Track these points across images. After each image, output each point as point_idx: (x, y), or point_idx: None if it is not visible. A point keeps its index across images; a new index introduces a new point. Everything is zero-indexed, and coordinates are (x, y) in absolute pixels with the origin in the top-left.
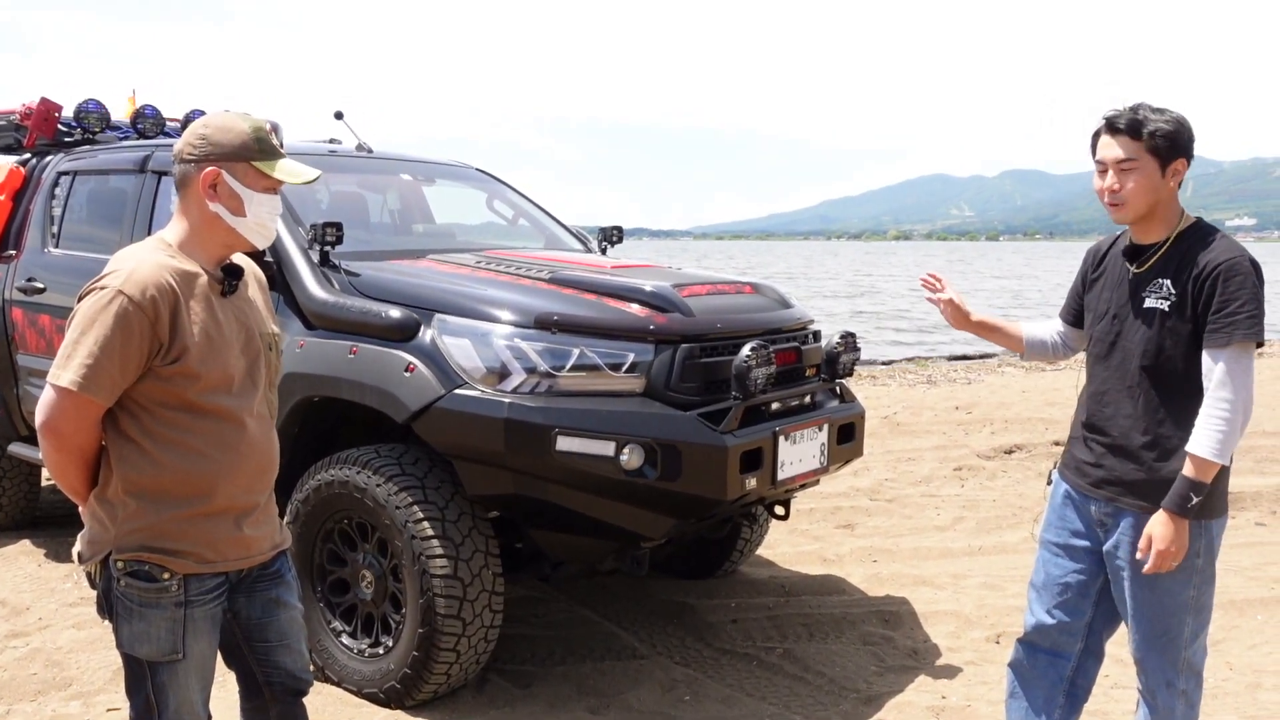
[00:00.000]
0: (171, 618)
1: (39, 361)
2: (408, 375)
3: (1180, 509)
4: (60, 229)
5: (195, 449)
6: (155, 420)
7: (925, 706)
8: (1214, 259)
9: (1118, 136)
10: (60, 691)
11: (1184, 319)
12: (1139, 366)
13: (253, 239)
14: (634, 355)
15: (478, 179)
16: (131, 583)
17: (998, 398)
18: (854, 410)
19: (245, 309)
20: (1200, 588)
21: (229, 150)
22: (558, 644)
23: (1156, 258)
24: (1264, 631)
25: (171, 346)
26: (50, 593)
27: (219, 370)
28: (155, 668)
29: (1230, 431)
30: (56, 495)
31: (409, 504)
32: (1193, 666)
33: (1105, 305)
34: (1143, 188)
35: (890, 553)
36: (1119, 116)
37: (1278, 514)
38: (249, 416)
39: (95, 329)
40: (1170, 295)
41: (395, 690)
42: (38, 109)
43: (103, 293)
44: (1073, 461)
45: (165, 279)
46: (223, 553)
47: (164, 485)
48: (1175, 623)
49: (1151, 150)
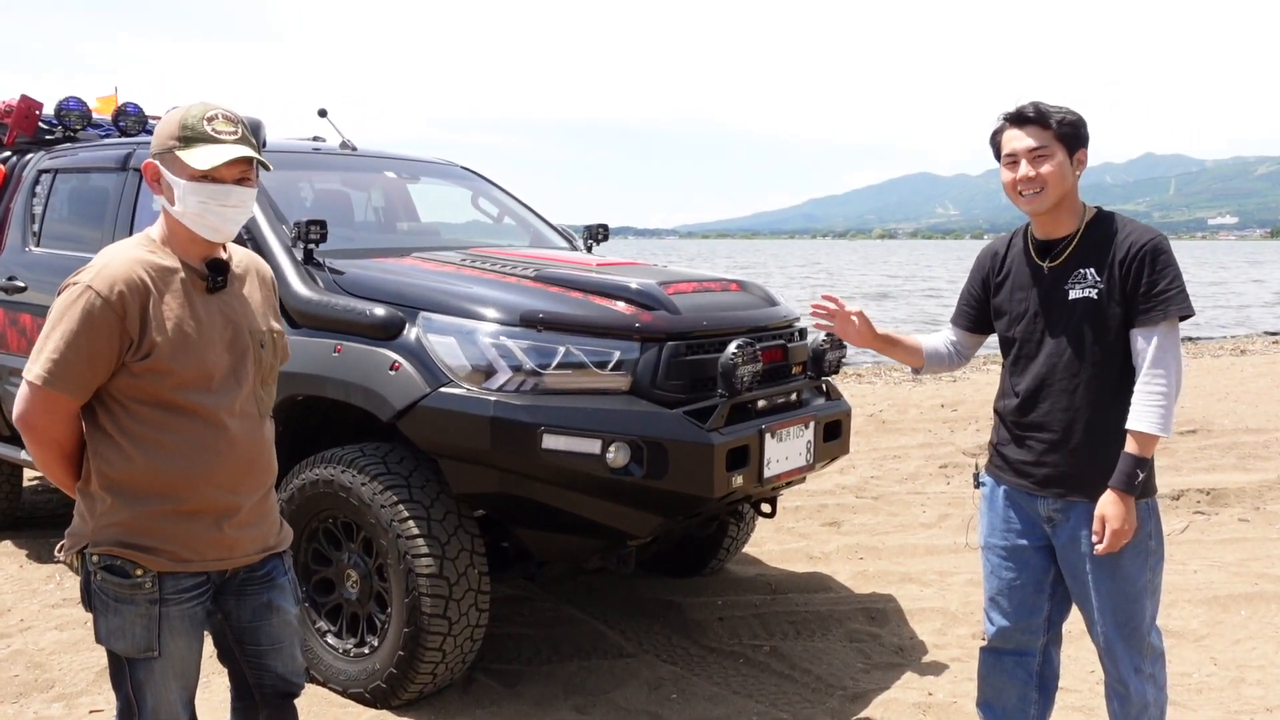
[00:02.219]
0: (146, 614)
1: (20, 361)
2: (392, 374)
3: (1128, 486)
4: (41, 227)
5: (170, 447)
6: (130, 416)
7: (911, 703)
8: (1136, 241)
9: (1026, 127)
10: (42, 693)
11: (1114, 304)
12: (1072, 358)
13: (198, 230)
14: (620, 353)
15: (463, 176)
16: (107, 577)
17: (983, 395)
18: (840, 408)
19: (235, 305)
20: (1154, 568)
21: (161, 143)
22: (544, 643)
23: (1071, 249)
24: (1248, 627)
25: (141, 342)
26: (32, 594)
27: (194, 367)
28: (133, 664)
29: (1169, 405)
30: (39, 496)
31: (394, 503)
32: (1155, 649)
33: (1022, 305)
34: (1058, 174)
35: (876, 550)
36: (1025, 109)
37: (1261, 510)
38: (230, 415)
39: (63, 324)
40: (1097, 283)
41: (381, 690)
42: (18, 106)
43: (74, 288)
44: (1009, 464)
45: (137, 274)
46: (200, 552)
47: (139, 482)
48: (1138, 608)
49: (1060, 138)
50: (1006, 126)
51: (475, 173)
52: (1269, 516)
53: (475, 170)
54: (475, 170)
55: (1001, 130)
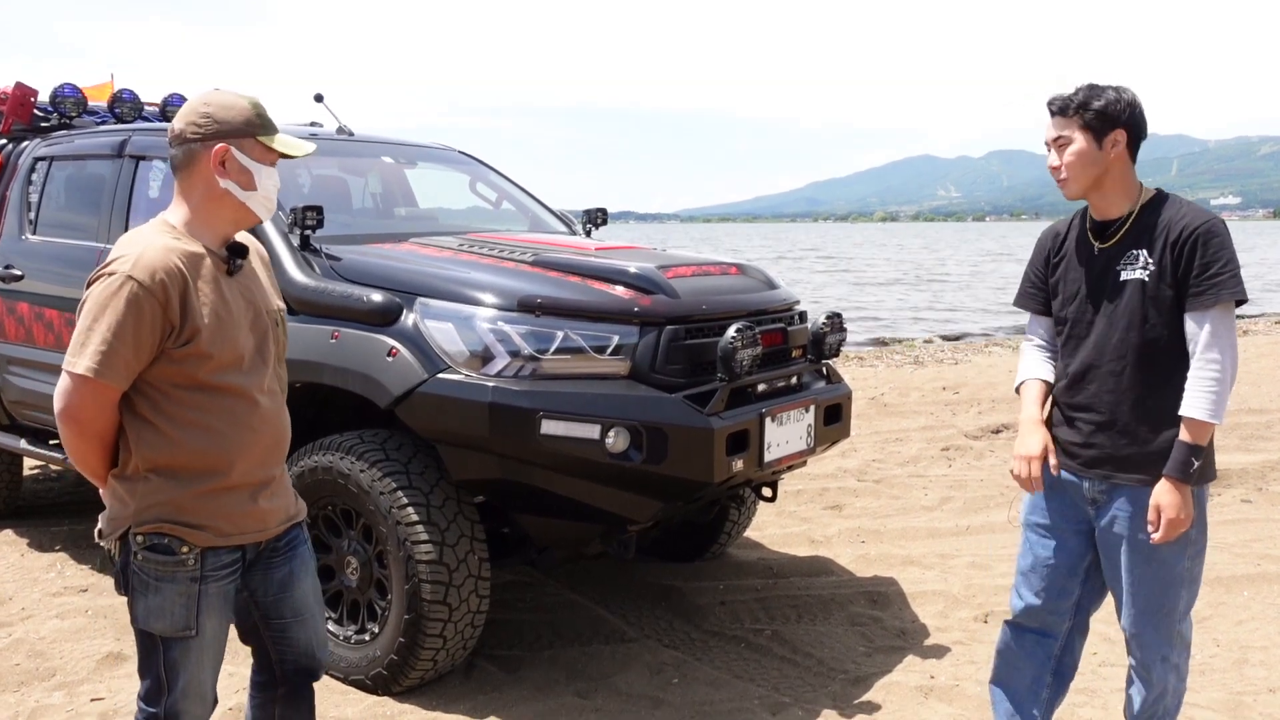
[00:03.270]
0: (186, 593)
1: (18, 350)
2: (390, 360)
3: (1184, 475)
4: (38, 215)
5: (210, 427)
6: (170, 401)
7: (914, 686)
8: (1189, 224)
9: (1054, 118)
10: (43, 682)
11: (1165, 286)
12: (1121, 340)
13: (260, 212)
14: (619, 338)
15: (460, 161)
16: (149, 556)
17: (985, 378)
18: (840, 391)
19: (251, 286)
20: (1194, 559)
21: (235, 126)
22: (545, 628)
23: (1125, 231)
24: (1250, 608)
25: (183, 329)
26: (33, 583)
27: (229, 349)
28: (168, 644)
29: (1222, 391)
30: (40, 485)
31: (393, 490)
32: (1184, 639)
33: (1075, 285)
34: (1079, 162)
35: (878, 533)
36: (1055, 99)
37: (1264, 490)
38: (260, 393)
39: (108, 315)
40: (1149, 265)
41: (382, 677)
42: (13, 94)
43: (112, 278)
44: (1058, 443)
45: (173, 261)
46: (240, 525)
47: (182, 463)
48: (1171, 595)
49: (1082, 125)
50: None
51: (473, 157)
52: (1272, 497)
53: (473, 155)
54: (473, 155)
55: None
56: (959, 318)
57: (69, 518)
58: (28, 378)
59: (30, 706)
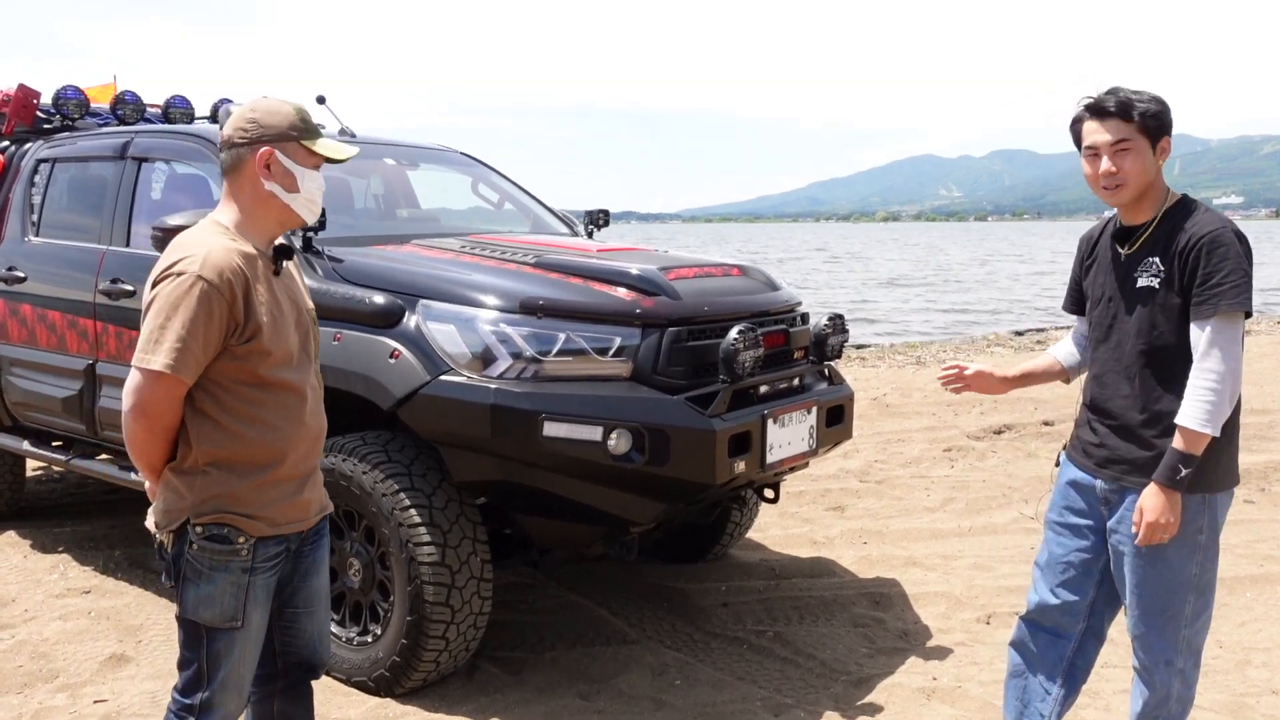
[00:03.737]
0: (236, 583)
1: (20, 352)
2: (392, 362)
3: (1169, 481)
4: (40, 217)
5: (266, 421)
6: (231, 396)
7: (916, 688)
8: (1197, 232)
9: (1107, 120)
10: (47, 683)
11: (1173, 294)
12: (1134, 347)
13: (304, 214)
14: (621, 339)
15: (462, 163)
16: (206, 545)
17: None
18: (843, 392)
19: (292, 287)
20: (1203, 565)
21: (279, 130)
22: (547, 630)
23: (1145, 237)
24: (1253, 609)
25: (246, 326)
26: (36, 584)
27: (284, 346)
28: (213, 635)
29: (1218, 402)
30: (43, 486)
31: (395, 491)
32: (1192, 646)
33: (1100, 290)
34: (1140, 167)
35: (880, 534)
36: (1106, 100)
37: (1267, 491)
38: (308, 388)
39: (180, 313)
40: (1160, 272)
41: (384, 678)
42: (16, 96)
43: (182, 278)
44: (1079, 444)
45: (235, 261)
46: (288, 515)
47: (241, 456)
48: (1177, 600)
49: (1143, 130)
50: (1087, 117)
51: (475, 159)
52: (1274, 498)
53: (475, 156)
54: (475, 156)
55: (1081, 121)
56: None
57: (72, 519)
58: (30, 379)
59: (33, 708)
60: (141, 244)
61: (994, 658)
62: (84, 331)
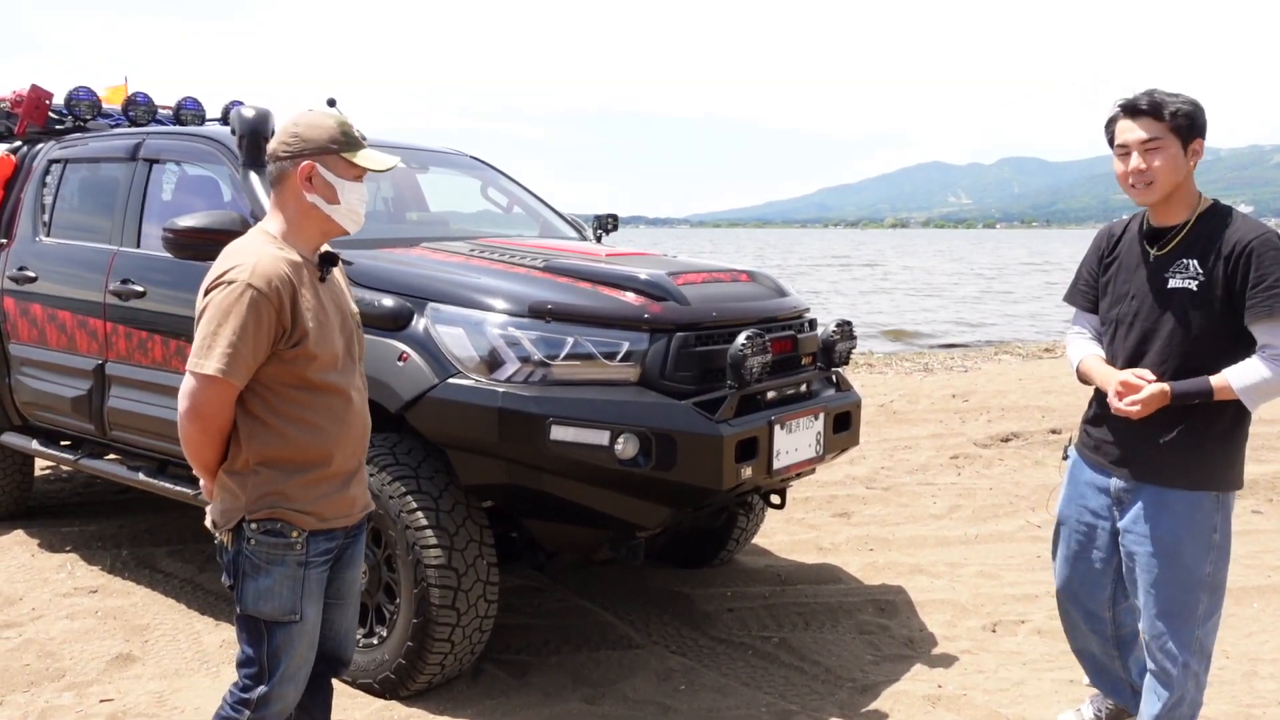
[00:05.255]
0: (293, 576)
1: (31, 351)
2: (401, 364)
3: (1181, 395)
4: (51, 217)
5: (314, 423)
6: (280, 399)
7: (921, 696)
8: (1243, 237)
9: (1140, 119)
10: (53, 682)
11: (1213, 297)
12: (1164, 346)
13: (346, 224)
14: (629, 344)
15: (472, 166)
16: (263, 540)
17: (994, 385)
18: (850, 399)
19: (337, 293)
20: (1217, 564)
21: (320, 144)
22: (553, 633)
23: (1179, 239)
24: (1260, 620)
25: (293, 331)
26: (44, 583)
27: (329, 351)
28: (273, 629)
29: (1265, 383)
30: (50, 485)
31: (403, 494)
32: (1204, 647)
33: (1125, 287)
34: (1169, 166)
35: (886, 541)
36: (1139, 99)
37: (1274, 501)
38: (353, 390)
39: (232, 319)
40: (1198, 275)
41: (390, 680)
42: (29, 96)
43: (232, 286)
44: (1090, 440)
45: (283, 270)
46: (336, 510)
47: (289, 456)
48: (1191, 599)
49: (1174, 129)
50: (1120, 116)
51: (484, 162)
52: None
53: (484, 160)
54: (484, 160)
55: (1115, 119)
56: None
57: (79, 518)
58: (40, 379)
59: (40, 707)
60: (152, 245)
61: (999, 666)
62: (94, 332)
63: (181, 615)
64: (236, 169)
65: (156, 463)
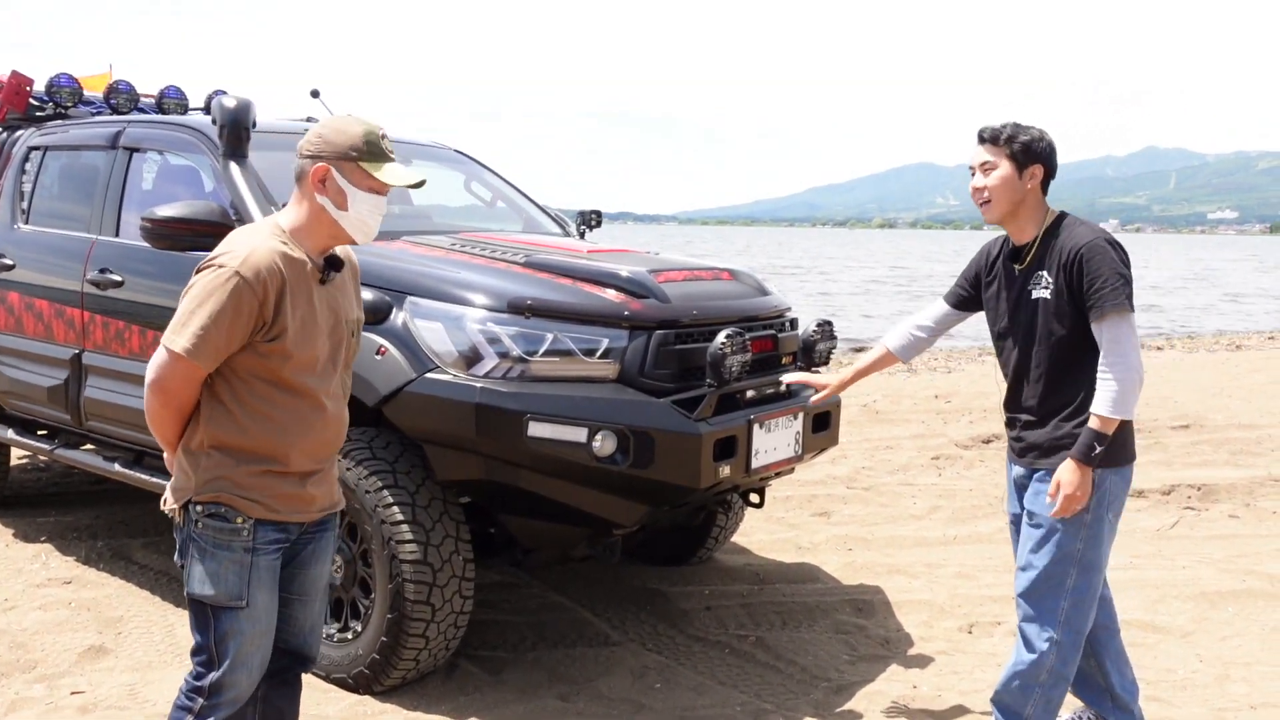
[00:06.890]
0: (240, 562)
1: (7, 339)
2: (378, 358)
3: (1084, 457)
4: (30, 205)
5: (276, 420)
6: (247, 390)
7: (896, 696)
8: (1076, 243)
9: (983, 145)
10: (25, 674)
11: (1063, 301)
12: (1037, 351)
13: (354, 234)
14: (608, 341)
15: (455, 160)
16: (208, 523)
17: (977, 387)
18: (830, 399)
19: (338, 296)
20: (1087, 541)
21: (339, 150)
22: (529, 630)
23: (1033, 254)
24: (1234, 624)
25: (273, 325)
26: (17, 573)
27: (309, 353)
28: (219, 614)
29: (1122, 390)
30: (26, 475)
31: (379, 489)
32: (1071, 623)
33: (1001, 305)
34: (1003, 187)
35: (865, 541)
36: (985, 129)
37: (1251, 506)
38: (326, 396)
39: (210, 302)
40: (1049, 284)
41: (364, 676)
42: (9, 82)
43: (221, 271)
44: (1009, 443)
45: (276, 264)
46: (288, 505)
47: (245, 446)
48: (1059, 571)
49: (1009, 155)
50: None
51: (469, 156)
52: (1259, 513)
53: (469, 154)
54: (469, 154)
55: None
56: None
57: (55, 509)
58: (17, 368)
59: (9, 698)
60: (131, 234)
61: (975, 667)
62: (71, 321)
63: (155, 607)
64: (217, 159)
65: (133, 454)
